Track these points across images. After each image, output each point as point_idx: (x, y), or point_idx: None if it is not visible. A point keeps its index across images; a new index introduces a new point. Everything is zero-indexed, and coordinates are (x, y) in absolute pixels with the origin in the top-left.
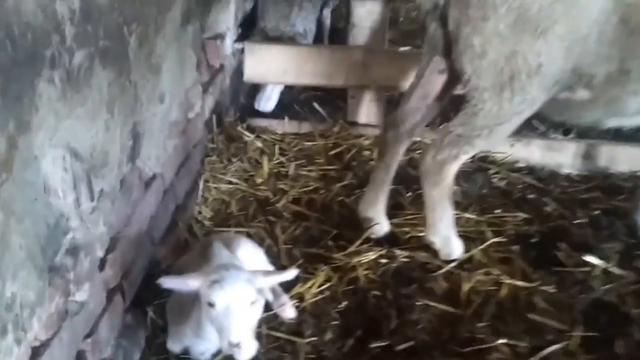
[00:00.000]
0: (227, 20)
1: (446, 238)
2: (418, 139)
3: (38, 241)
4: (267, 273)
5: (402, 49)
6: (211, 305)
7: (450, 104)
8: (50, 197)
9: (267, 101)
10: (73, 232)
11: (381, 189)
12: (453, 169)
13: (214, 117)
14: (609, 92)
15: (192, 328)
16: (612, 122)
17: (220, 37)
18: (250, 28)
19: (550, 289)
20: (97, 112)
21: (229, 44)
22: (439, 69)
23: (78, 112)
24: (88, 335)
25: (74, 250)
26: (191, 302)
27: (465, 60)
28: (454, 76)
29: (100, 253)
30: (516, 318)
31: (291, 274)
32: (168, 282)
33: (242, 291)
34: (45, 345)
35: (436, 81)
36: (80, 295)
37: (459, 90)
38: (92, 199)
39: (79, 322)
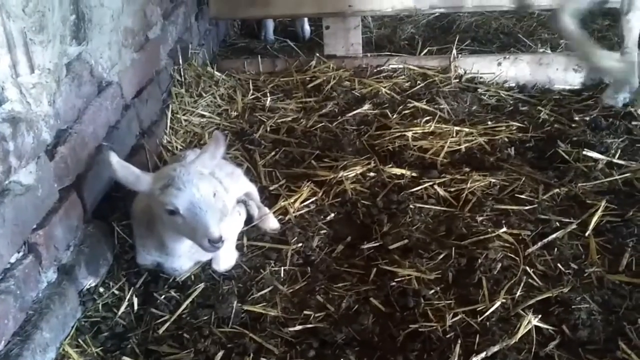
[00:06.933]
0: None
1: None
2: (400, 66)
3: None
4: (207, 151)
5: None
6: (173, 212)
7: None
8: None
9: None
10: (11, 104)
11: None
12: None
13: (179, 48)
14: None
15: (156, 248)
16: None
17: None
18: None
19: (553, 181)
20: None
21: None
22: None
23: None
24: (40, 228)
25: (12, 121)
26: (155, 216)
27: None
28: None
29: (47, 136)
30: (517, 212)
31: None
32: (115, 160)
33: (200, 184)
34: None
35: None
36: (25, 177)
37: None
38: (32, 71)
39: (25, 206)
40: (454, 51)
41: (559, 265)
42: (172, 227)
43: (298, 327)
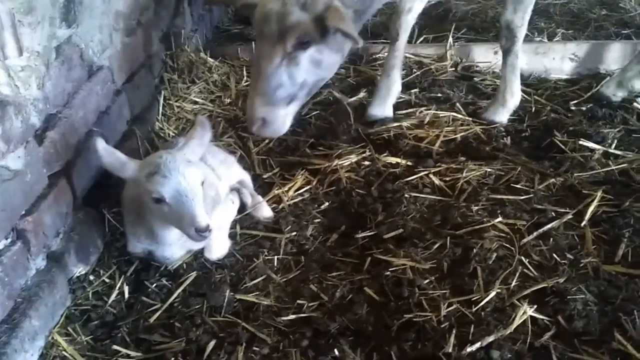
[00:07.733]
0: None
1: None
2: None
3: None
4: (194, 137)
5: None
6: (159, 200)
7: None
8: None
9: None
10: None
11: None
12: None
13: (172, 34)
14: None
15: (146, 235)
16: None
17: None
18: None
19: (549, 171)
20: None
21: None
22: None
23: None
24: (28, 214)
25: (0, 104)
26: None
27: None
28: None
29: (35, 120)
30: (513, 201)
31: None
32: (102, 146)
33: (187, 171)
34: None
35: None
36: (13, 161)
37: None
38: (20, 53)
39: (13, 192)
40: (450, 39)
41: (554, 255)
42: (159, 215)
43: (291, 317)
